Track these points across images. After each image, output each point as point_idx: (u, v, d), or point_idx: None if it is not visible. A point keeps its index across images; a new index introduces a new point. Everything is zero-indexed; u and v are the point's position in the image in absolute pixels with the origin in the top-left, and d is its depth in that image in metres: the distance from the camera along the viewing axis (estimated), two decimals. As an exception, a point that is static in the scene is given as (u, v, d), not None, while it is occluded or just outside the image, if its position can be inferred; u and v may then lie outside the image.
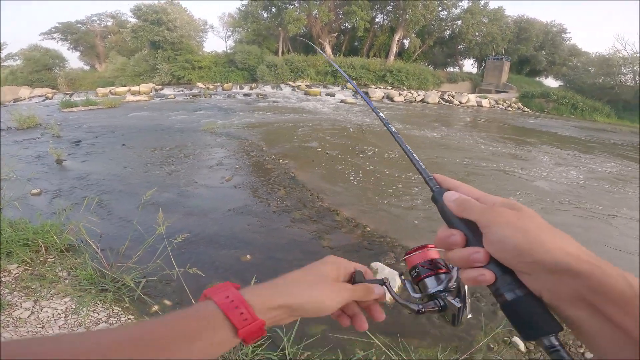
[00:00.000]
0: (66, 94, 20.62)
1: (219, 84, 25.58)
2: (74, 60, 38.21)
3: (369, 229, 4.18)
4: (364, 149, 8.35)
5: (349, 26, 30.70)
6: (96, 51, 33.83)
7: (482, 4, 29.00)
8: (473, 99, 23.41)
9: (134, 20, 26.45)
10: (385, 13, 31.00)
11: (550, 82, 32.69)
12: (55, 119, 11.40)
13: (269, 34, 30.88)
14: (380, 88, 25.80)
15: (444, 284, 0.45)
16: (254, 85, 25.24)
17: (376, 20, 31.42)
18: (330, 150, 8.10)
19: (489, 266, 0.36)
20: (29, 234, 2.92)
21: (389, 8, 29.73)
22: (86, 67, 34.09)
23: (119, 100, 17.08)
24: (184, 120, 12.12)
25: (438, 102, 22.99)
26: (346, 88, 24.96)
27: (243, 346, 1.86)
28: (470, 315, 0.44)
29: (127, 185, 5.39)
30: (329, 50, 29.94)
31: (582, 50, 31.65)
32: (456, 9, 29.52)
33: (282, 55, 29.54)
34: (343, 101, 19.80)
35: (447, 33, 31.72)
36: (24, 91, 22.16)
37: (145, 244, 2.76)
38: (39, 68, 26.18)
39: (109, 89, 21.86)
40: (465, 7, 29.02)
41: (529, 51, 30.57)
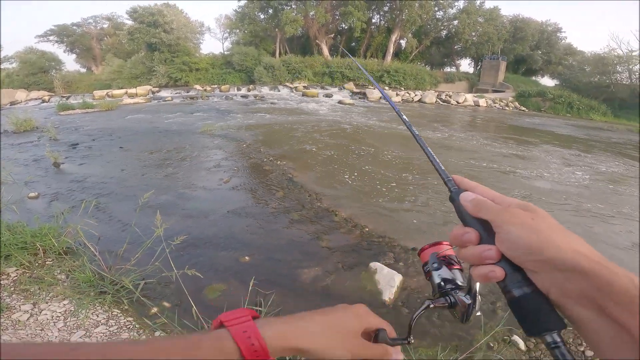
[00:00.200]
0: (63, 97, 20.49)
1: (216, 85, 25.47)
2: (71, 62, 38.00)
3: (367, 229, 4.17)
4: (362, 149, 8.36)
5: (346, 27, 30.70)
6: (92, 53, 33.68)
7: (478, 3, 29.11)
8: (470, 98, 23.46)
9: (130, 22, 26.31)
10: (381, 14, 31.06)
11: (547, 81, 32.83)
12: (52, 122, 11.39)
13: (266, 35, 30.83)
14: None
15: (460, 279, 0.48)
16: (251, 86, 25.19)
17: (373, 20, 31.49)
18: (328, 151, 8.09)
19: (499, 263, 0.37)
20: (27, 237, 2.91)
21: (386, 8, 29.75)
22: (83, 70, 33.93)
23: (116, 103, 17.01)
24: (182, 122, 12.07)
25: (435, 102, 23.03)
26: (344, 89, 25.00)
27: None
28: (479, 313, 0.45)
29: (125, 188, 5.37)
30: (325, 51, 29.98)
31: (578, 49, 31.73)
32: (452, 9, 29.66)
33: (280, 56, 29.49)
34: (341, 102, 19.86)
35: (444, 33, 31.81)
36: (21, 94, 22.07)
37: (144, 246, 2.76)
38: (35, 71, 26.08)
39: (105, 91, 21.80)
40: (461, 7, 29.15)
41: (524, 50, 30.69)
